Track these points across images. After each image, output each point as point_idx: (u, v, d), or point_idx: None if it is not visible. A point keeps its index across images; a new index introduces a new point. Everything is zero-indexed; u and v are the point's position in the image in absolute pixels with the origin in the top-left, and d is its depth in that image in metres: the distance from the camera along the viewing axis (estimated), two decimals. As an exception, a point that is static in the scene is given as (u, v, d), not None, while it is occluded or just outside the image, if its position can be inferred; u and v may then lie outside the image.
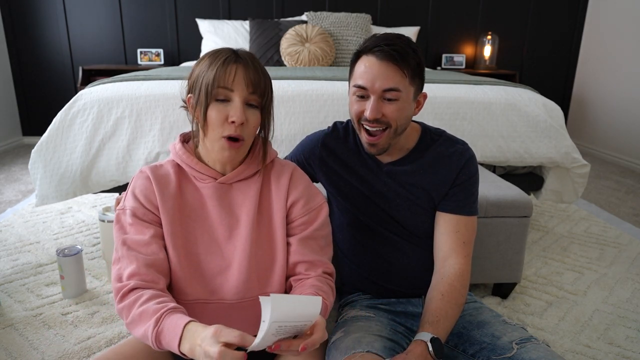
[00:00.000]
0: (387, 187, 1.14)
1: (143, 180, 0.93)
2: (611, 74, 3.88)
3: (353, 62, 1.07)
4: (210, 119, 0.88)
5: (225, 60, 0.87)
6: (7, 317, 1.50)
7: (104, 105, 1.78)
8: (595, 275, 1.88)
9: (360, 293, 1.22)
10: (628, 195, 2.97)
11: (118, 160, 1.79)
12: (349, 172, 1.17)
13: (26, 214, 2.40)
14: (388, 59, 0.99)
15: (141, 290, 0.84)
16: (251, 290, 0.94)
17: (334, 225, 1.24)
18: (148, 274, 0.85)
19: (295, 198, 0.97)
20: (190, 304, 0.92)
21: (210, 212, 0.94)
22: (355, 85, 1.04)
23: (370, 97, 1.02)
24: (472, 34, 4.16)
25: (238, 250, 0.93)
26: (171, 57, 4.00)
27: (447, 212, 1.12)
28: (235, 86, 0.87)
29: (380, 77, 1.00)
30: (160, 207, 0.91)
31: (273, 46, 3.29)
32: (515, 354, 0.97)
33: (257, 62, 0.92)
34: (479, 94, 1.96)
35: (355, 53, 1.06)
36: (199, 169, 0.94)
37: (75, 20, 3.87)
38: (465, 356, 1.07)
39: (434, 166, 1.13)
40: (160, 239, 0.90)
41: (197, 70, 0.90)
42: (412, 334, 1.13)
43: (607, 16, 3.94)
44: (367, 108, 1.03)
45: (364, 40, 1.09)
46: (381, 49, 0.99)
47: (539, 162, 1.99)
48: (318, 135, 1.23)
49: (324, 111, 1.83)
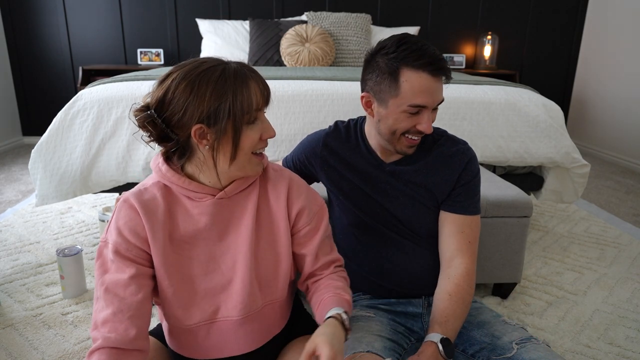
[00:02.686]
0: (390, 185, 1.14)
1: (128, 211, 0.85)
2: (611, 74, 3.88)
3: (394, 74, 1.01)
4: (245, 144, 0.84)
5: (243, 82, 0.81)
6: (7, 317, 1.50)
7: (104, 105, 1.78)
8: (595, 275, 1.88)
9: (360, 293, 1.22)
10: (628, 195, 2.97)
11: (118, 160, 1.79)
12: (351, 171, 1.17)
13: (26, 214, 2.40)
14: (440, 75, 1.00)
15: (104, 351, 0.79)
16: (256, 301, 0.91)
17: (335, 225, 1.24)
18: (121, 321, 0.80)
19: (300, 207, 0.95)
20: (194, 328, 0.90)
21: (204, 230, 0.89)
22: (412, 105, 1.00)
23: (424, 112, 1.02)
24: (472, 34, 4.16)
25: (238, 263, 0.89)
26: (171, 57, 4.00)
27: (452, 213, 1.12)
28: (260, 103, 0.84)
29: (436, 93, 1.01)
30: (150, 239, 0.85)
31: (273, 46, 3.29)
32: (515, 354, 0.97)
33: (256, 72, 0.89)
34: (478, 94, 1.96)
35: (394, 65, 1.00)
36: (194, 189, 0.87)
37: (75, 20, 3.87)
38: (465, 356, 1.07)
39: (437, 165, 1.13)
40: (141, 278, 0.84)
41: (199, 100, 0.79)
42: (412, 334, 1.13)
43: (607, 16, 3.94)
44: (421, 122, 1.02)
45: (383, 45, 1.04)
46: (433, 66, 0.98)
47: (539, 162, 1.99)
48: (319, 135, 1.23)
49: (324, 111, 1.83)
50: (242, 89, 0.81)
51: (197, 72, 0.80)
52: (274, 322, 0.97)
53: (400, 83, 1.00)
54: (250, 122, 0.83)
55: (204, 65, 0.82)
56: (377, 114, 1.07)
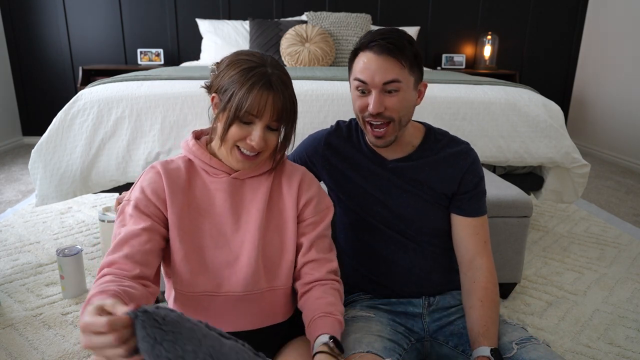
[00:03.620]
0: (392, 182, 1.14)
1: (153, 175, 0.95)
2: (611, 74, 3.88)
3: (351, 60, 1.08)
4: (230, 134, 0.90)
5: (260, 88, 0.87)
6: (7, 317, 1.50)
7: (104, 105, 1.78)
8: (595, 275, 1.88)
9: (360, 293, 1.22)
10: (628, 195, 2.97)
11: (118, 160, 1.79)
12: (353, 169, 1.17)
13: (26, 214, 2.40)
14: (386, 52, 1.01)
15: (109, 277, 0.83)
16: (259, 283, 0.95)
17: (337, 225, 1.24)
18: (125, 263, 0.86)
19: (309, 198, 1.01)
20: (198, 296, 0.94)
21: (220, 205, 0.96)
22: (355, 78, 1.05)
23: (372, 91, 1.03)
24: (472, 34, 4.16)
25: (246, 243, 0.95)
26: (171, 57, 4.00)
27: (464, 216, 1.13)
28: (261, 114, 0.88)
29: (379, 71, 1.01)
30: (169, 202, 0.93)
31: (273, 46, 3.29)
32: (515, 354, 0.97)
33: (288, 87, 0.92)
34: (479, 94, 1.96)
35: (353, 51, 1.07)
36: (213, 164, 0.96)
37: (75, 20, 3.87)
38: (465, 356, 1.07)
39: (440, 164, 1.14)
40: (153, 232, 0.91)
41: (226, 75, 0.90)
42: (412, 334, 1.13)
43: (607, 16, 3.94)
44: (369, 102, 1.04)
45: (359, 38, 1.08)
46: (377, 43, 1.01)
47: (539, 162, 1.99)
48: (321, 134, 1.23)
49: (324, 111, 1.83)
50: (256, 95, 0.87)
51: (242, 56, 0.92)
52: (275, 309, 0.99)
53: (354, 64, 1.06)
54: (243, 120, 0.89)
55: (250, 55, 0.92)
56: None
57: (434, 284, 1.17)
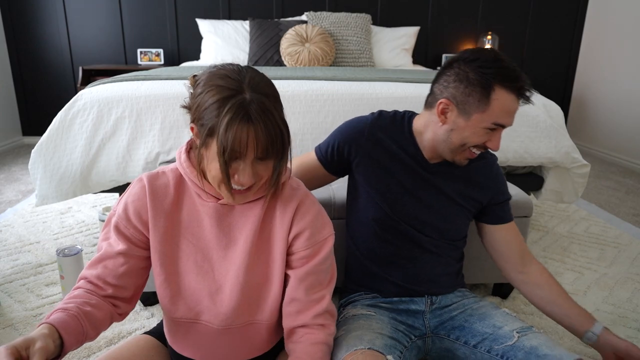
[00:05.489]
0: (432, 185, 1.14)
1: (138, 190, 0.88)
2: (611, 74, 3.88)
3: (486, 89, 0.99)
4: (214, 174, 0.79)
5: (239, 123, 0.74)
6: (7, 317, 1.50)
7: (104, 105, 1.78)
8: (595, 275, 1.87)
9: (362, 292, 1.21)
10: (628, 195, 2.97)
11: (118, 160, 1.79)
12: (394, 165, 1.14)
13: (26, 214, 2.40)
14: (523, 100, 1.02)
15: (80, 290, 0.86)
16: (240, 317, 0.90)
17: (356, 216, 1.20)
18: (97, 283, 0.86)
19: (300, 230, 0.89)
20: (177, 321, 0.91)
21: (207, 231, 0.89)
22: (496, 123, 1.01)
23: (499, 131, 1.04)
24: (472, 34, 4.16)
25: (231, 273, 0.88)
26: (171, 57, 4.00)
27: (503, 224, 1.19)
28: (245, 152, 0.76)
29: (514, 116, 1.03)
30: (151, 224, 0.87)
31: (273, 46, 3.29)
32: (517, 341, 1.00)
33: (272, 115, 0.77)
34: (479, 94, 1.96)
35: (488, 81, 0.99)
36: (202, 187, 0.87)
37: (75, 20, 3.87)
38: (467, 347, 1.07)
39: (477, 172, 1.18)
40: (130, 256, 0.88)
41: (202, 102, 0.77)
42: (414, 330, 1.14)
43: (607, 16, 3.94)
44: (492, 140, 1.04)
45: (477, 57, 1.01)
46: (524, 91, 1.01)
47: (539, 162, 1.99)
48: (364, 123, 1.16)
49: (324, 111, 1.84)
50: (233, 128, 0.74)
51: (216, 79, 0.78)
52: (257, 344, 0.95)
53: (491, 100, 0.99)
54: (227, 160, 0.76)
55: (225, 78, 0.78)
56: (452, 123, 1.05)
57: (442, 286, 1.18)
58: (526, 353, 0.97)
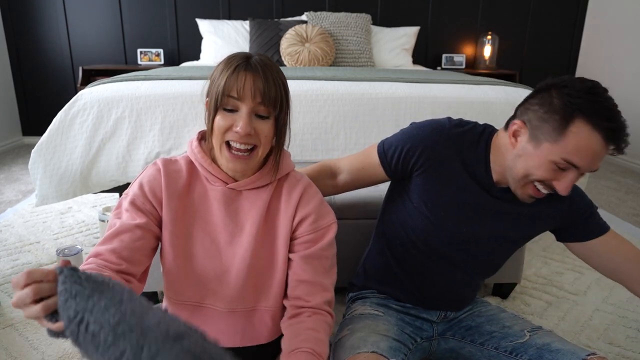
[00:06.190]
0: (492, 208, 1.04)
1: (154, 172, 0.92)
2: (611, 74, 3.88)
3: (566, 119, 0.87)
4: (216, 126, 0.85)
5: (236, 68, 0.84)
6: (7, 317, 1.50)
7: (104, 105, 1.78)
8: (595, 275, 1.87)
9: (375, 291, 1.17)
10: (628, 195, 2.97)
11: (118, 160, 1.79)
12: (458, 179, 1.03)
13: (26, 214, 2.40)
14: (613, 146, 0.87)
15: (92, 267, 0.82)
16: (245, 301, 0.92)
17: (397, 217, 1.11)
18: (111, 257, 0.84)
19: (304, 215, 0.93)
20: (182, 304, 0.93)
21: (215, 215, 0.92)
22: (566, 160, 0.87)
23: (571, 172, 0.89)
24: (472, 34, 4.16)
25: (237, 257, 0.91)
26: (171, 57, 4.00)
27: (604, 233, 1.06)
28: (243, 96, 0.83)
29: (597, 161, 0.87)
30: (165, 204, 0.90)
31: (273, 46, 3.29)
32: (528, 339, 1.01)
33: (271, 70, 0.86)
34: (479, 94, 1.96)
35: (571, 110, 0.87)
36: (211, 171, 0.91)
37: (75, 20, 3.87)
38: (473, 345, 1.07)
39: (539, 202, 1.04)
40: (146, 230, 0.88)
41: (213, 74, 0.88)
42: (421, 332, 1.12)
43: (607, 16, 3.94)
44: (561, 181, 0.90)
45: (569, 83, 0.90)
46: (614, 134, 0.86)
47: (539, 162, 1.99)
48: (438, 133, 1.04)
49: (324, 111, 1.84)
50: (233, 75, 0.83)
51: (225, 59, 0.88)
52: (261, 330, 0.95)
53: (568, 132, 0.86)
54: (227, 108, 0.85)
55: (233, 56, 0.88)
56: (521, 149, 0.94)
57: (461, 305, 1.16)
58: (538, 349, 0.97)
